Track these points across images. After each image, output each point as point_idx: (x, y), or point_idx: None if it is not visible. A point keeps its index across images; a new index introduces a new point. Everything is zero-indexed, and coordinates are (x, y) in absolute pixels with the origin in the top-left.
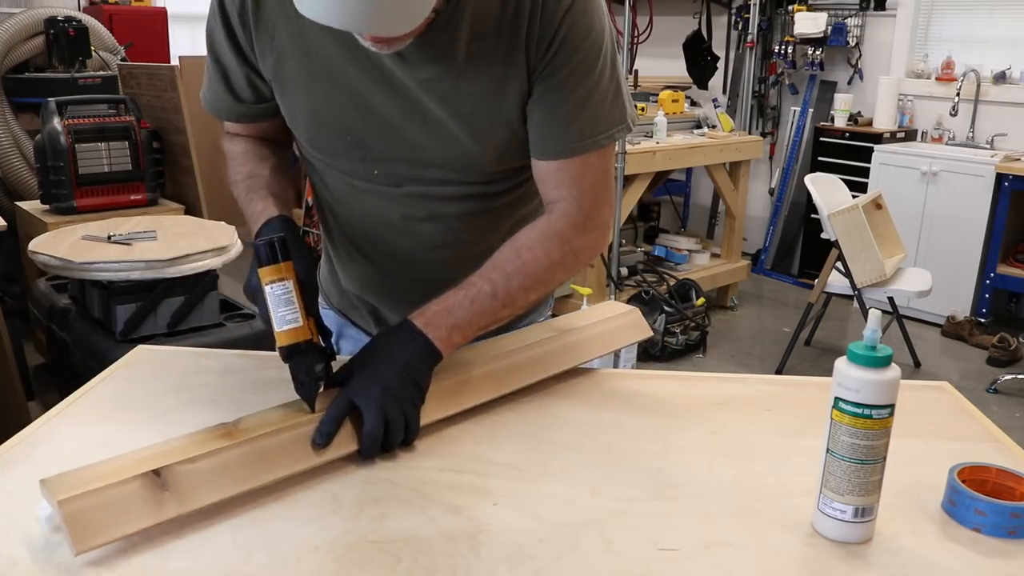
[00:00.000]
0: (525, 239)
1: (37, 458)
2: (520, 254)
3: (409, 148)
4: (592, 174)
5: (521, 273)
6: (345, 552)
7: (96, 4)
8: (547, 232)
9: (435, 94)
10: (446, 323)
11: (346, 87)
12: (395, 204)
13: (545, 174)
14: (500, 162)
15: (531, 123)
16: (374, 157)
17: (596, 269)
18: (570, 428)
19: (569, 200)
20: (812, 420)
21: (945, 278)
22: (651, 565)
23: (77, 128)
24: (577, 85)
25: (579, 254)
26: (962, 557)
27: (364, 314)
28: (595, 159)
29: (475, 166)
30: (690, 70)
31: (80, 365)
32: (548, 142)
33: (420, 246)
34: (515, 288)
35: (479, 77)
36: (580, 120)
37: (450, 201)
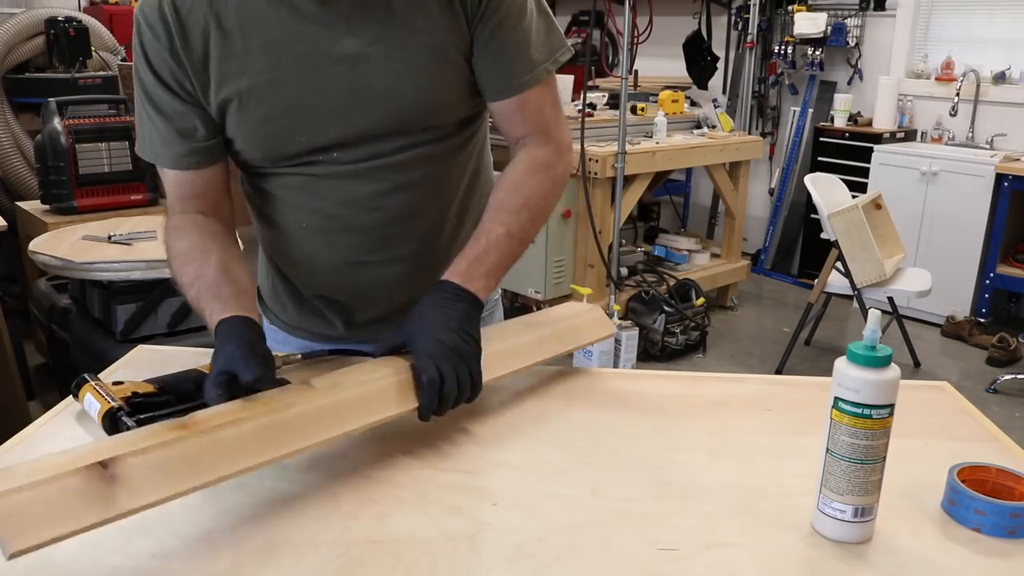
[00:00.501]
0: (517, 176)
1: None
2: (519, 190)
3: (366, 122)
4: (548, 102)
5: (526, 207)
6: (345, 552)
7: (96, 4)
8: (534, 164)
9: (379, 58)
10: (480, 272)
11: (289, 87)
12: (361, 182)
13: (507, 114)
14: (452, 111)
15: (481, 69)
16: (333, 143)
17: (596, 269)
18: (570, 428)
19: (536, 131)
20: (812, 420)
21: (945, 278)
22: (651, 565)
23: (77, 128)
24: (515, 24)
25: (562, 177)
26: (962, 557)
27: (332, 318)
28: (547, 88)
29: (430, 121)
30: (690, 70)
31: (80, 365)
32: (502, 82)
33: (390, 220)
34: (525, 222)
35: (419, 29)
36: (526, 55)
37: (413, 166)
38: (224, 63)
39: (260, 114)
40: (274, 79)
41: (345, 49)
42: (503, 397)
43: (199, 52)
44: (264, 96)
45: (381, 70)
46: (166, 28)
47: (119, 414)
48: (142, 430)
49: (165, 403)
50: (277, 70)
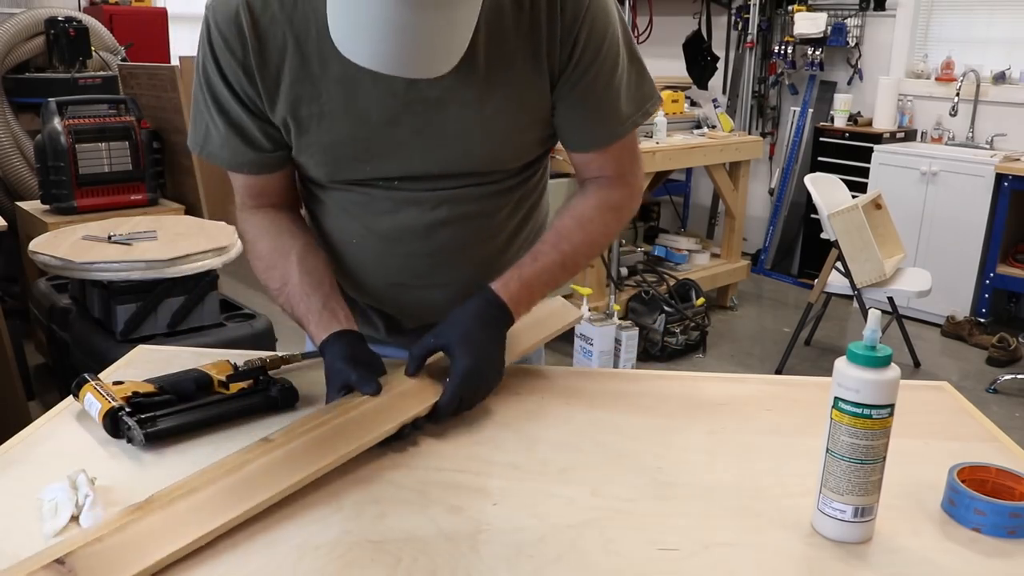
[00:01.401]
0: (585, 210)
1: (37, 458)
2: (584, 226)
3: (430, 163)
4: (629, 151)
5: (585, 243)
6: (345, 552)
7: (96, 4)
8: (606, 203)
9: (456, 103)
10: (526, 299)
11: (361, 119)
12: (418, 210)
13: (586, 162)
14: (519, 159)
15: (565, 121)
16: (396, 176)
17: (596, 269)
18: (570, 428)
19: (614, 175)
20: (812, 420)
21: (945, 278)
22: (651, 565)
23: (77, 128)
24: (608, 81)
25: (625, 220)
26: (962, 557)
27: (376, 323)
28: (630, 138)
29: (496, 167)
30: (690, 70)
31: (80, 365)
32: (587, 137)
33: (440, 248)
34: (580, 257)
35: (500, 81)
36: (614, 111)
37: (471, 201)
38: (298, 84)
39: (329, 139)
40: (348, 109)
41: (423, 91)
42: (503, 397)
43: (273, 69)
44: (335, 124)
45: (455, 117)
46: (242, 40)
47: (120, 414)
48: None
49: (166, 403)
50: (352, 101)
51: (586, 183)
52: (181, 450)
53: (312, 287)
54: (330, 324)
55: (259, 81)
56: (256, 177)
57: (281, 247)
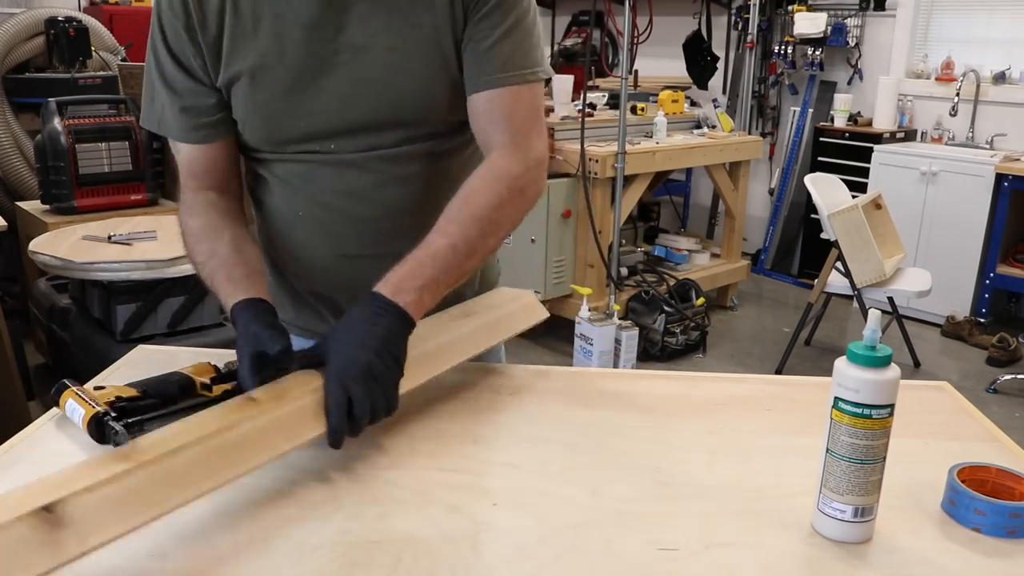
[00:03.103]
0: (474, 184)
1: (37, 458)
2: (468, 200)
3: (363, 111)
4: (523, 108)
5: (474, 219)
6: (345, 552)
7: (96, 4)
8: (489, 174)
9: (382, 48)
10: (414, 286)
11: (291, 71)
12: (358, 172)
13: (479, 110)
14: (451, 111)
15: (464, 59)
16: (331, 130)
17: (596, 269)
18: (570, 428)
19: (503, 133)
20: (812, 420)
21: (945, 278)
22: (651, 565)
23: (77, 128)
24: (502, 19)
25: (524, 190)
26: (962, 557)
27: (327, 315)
28: (525, 92)
29: (429, 115)
30: (690, 70)
31: (80, 365)
32: (478, 74)
33: (386, 213)
34: (473, 236)
35: (421, 21)
36: (506, 51)
37: (411, 160)
38: (234, 42)
39: (263, 96)
40: (278, 62)
41: (349, 38)
42: (503, 397)
43: (214, 31)
44: (267, 78)
45: (381, 61)
46: (184, 6)
47: (105, 419)
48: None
49: (149, 407)
50: (282, 53)
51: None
52: None
53: (238, 262)
54: (249, 290)
55: (202, 45)
56: (200, 149)
57: (214, 226)
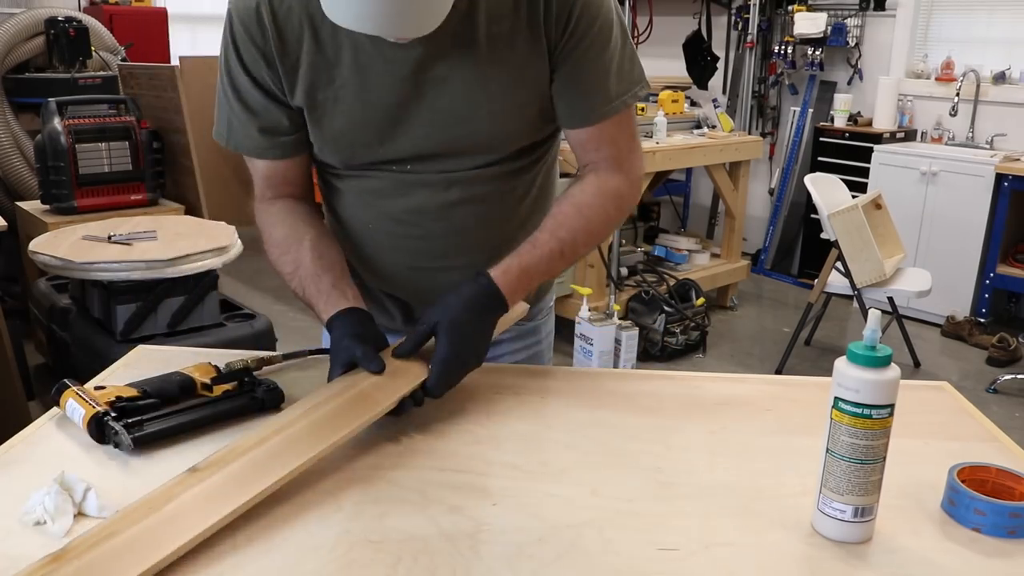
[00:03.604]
0: (584, 197)
1: (37, 458)
2: (582, 211)
3: (440, 142)
4: (626, 132)
5: (585, 230)
6: (345, 552)
7: (96, 4)
8: (603, 189)
9: (461, 82)
10: (523, 286)
11: (372, 101)
12: (430, 192)
13: (583, 141)
14: (525, 137)
15: (561, 97)
16: (407, 156)
17: (596, 269)
18: (570, 428)
19: (611, 159)
20: (812, 420)
21: (945, 278)
22: (651, 565)
23: (77, 128)
24: (598, 55)
25: (626, 208)
26: (962, 557)
27: (392, 312)
28: (625, 118)
29: (503, 145)
30: (690, 70)
31: (80, 365)
32: (582, 112)
33: (454, 230)
34: (579, 244)
35: (502, 59)
36: (607, 86)
37: (483, 181)
38: (314, 70)
39: (341, 123)
40: (360, 94)
41: (430, 72)
42: (503, 397)
43: (293, 56)
44: (349, 108)
45: (461, 95)
46: (262, 30)
47: (105, 419)
48: None
49: (149, 407)
50: (364, 85)
51: (584, 171)
52: (175, 452)
53: (323, 269)
54: (338, 302)
55: (279, 67)
56: (276, 164)
57: (295, 233)
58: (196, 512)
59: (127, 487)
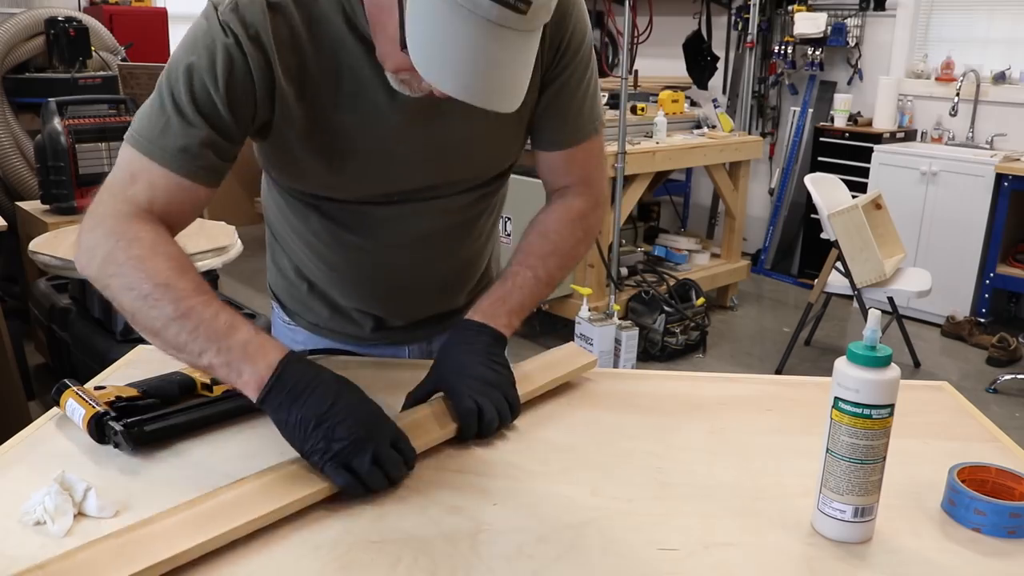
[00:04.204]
0: (549, 223)
1: (37, 458)
2: (548, 237)
3: (436, 174)
4: (595, 157)
5: (554, 254)
6: (345, 552)
7: (96, 4)
8: (568, 215)
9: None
10: (503, 311)
11: (368, 136)
12: (417, 219)
13: (556, 164)
14: (509, 161)
15: (544, 120)
16: (402, 190)
17: (596, 269)
18: (570, 428)
19: (579, 183)
20: (812, 420)
21: (945, 278)
22: (651, 565)
23: (77, 128)
24: (581, 80)
25: (594, 229)
26: (962, 557)
27: (362, 323)
28: (596, 143)
29: (492, 170)
30: (690, 70)
31: (80, 365)
32: (561, 135)
33: (436, 251)
34: (552, 268)
35: None
36: (584, 110)
37: (464, 207)
38: (309, 106)
39: (336, 158)
40: (354, 127)
41: (425, 104)
42: None
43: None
44: (343, 143)
45: (458, 127)
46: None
47: (105, 419)
48: None
49: (149, 407)
50: (358, 119)
51: (551, 197)
52: (174, 452)
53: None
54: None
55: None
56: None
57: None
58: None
59: (128, 488)
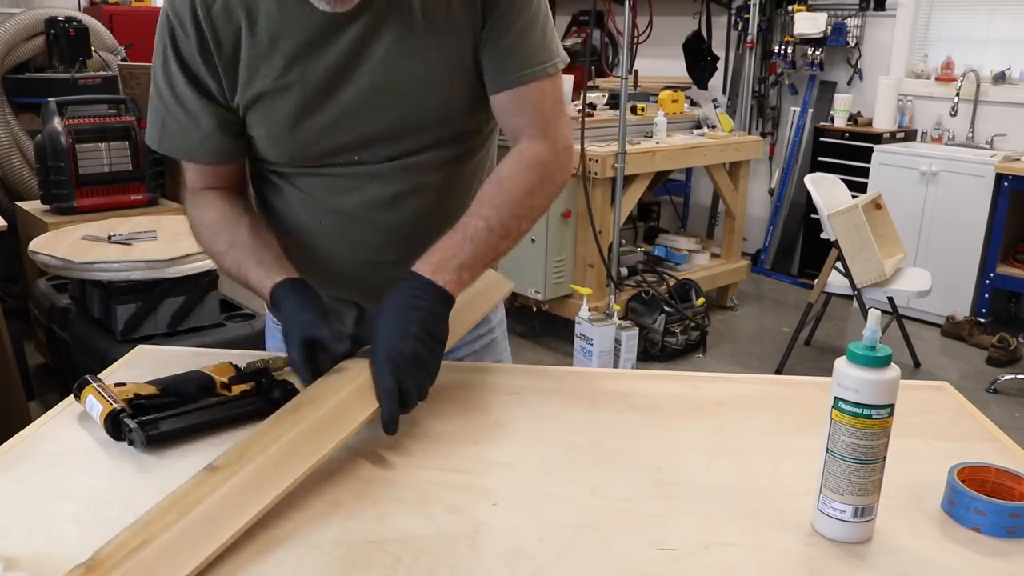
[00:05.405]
0: (502, 171)
1: (37, 458)
2: (501, 184)
3: (386, 121)
4: (548, 99)
5: (508, 203)
6: (345, 552)
7: (96, 4)
8: (521, 160)
9: (403, 56)
10: (453, 265)
11: (313, 87)
12: (380, 183)
13: (505, 106)
14: (473, 114)
15: (484, 60)
16: (354, 142)
17: (596, 269)
18: (570, 428)
19: (532, 126)
20: (812, 420)
21: (945, 278)
22: (651, 565)
23: (77, 128)
24: (518, 15)
25: (554, 175)
26: (962, 557)
27: (346, 317)
28: (548, 85)
29: (446, 123)
30: (690, 70)
31: (80, 365)
32: (501, 73)
33: (406, 220)
34: (508, 218)
35: (438, 28)
36: (526, 49)
37: (432, 168)
38: (251, 63)
39: (284, 115)
40: (296, 81)
41: (369, 49)
42: (503, 397)
43: (229, 52)
44: (286, 98)
45: (400, 70)
46: (197, 27)
47: (121, 416)
48: None
49: (167, 405)
50: (299, 73)
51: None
52: (183, 452)
53: (263, 246)
54: (283, 271)
55: (218, 66)
56: (213, 167)
57: (231, 215)
58: (225, 513)
59: (134, 485)
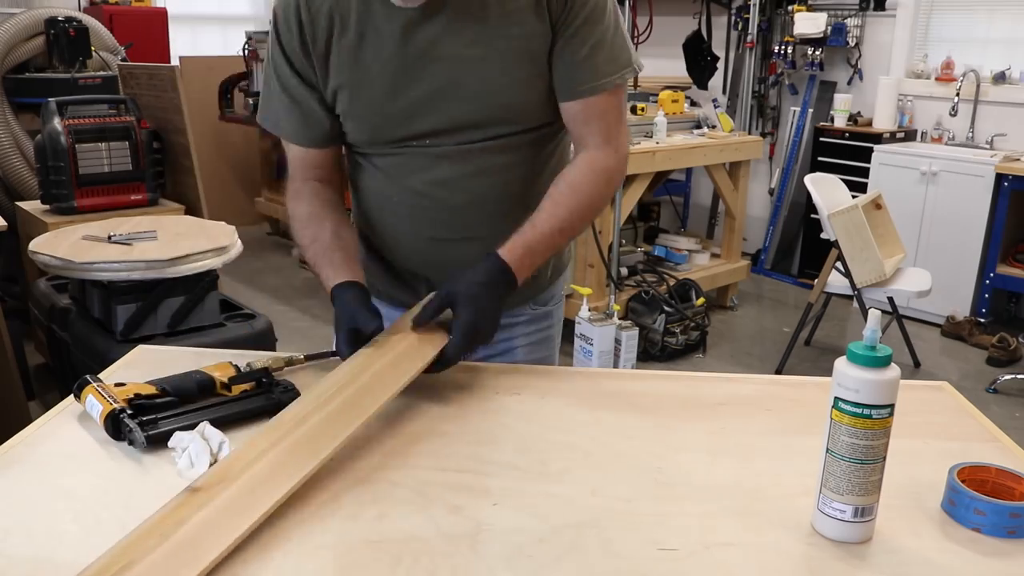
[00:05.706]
0: (575, 176)
1: (37, 458)
2: (575, 189)
3: (457, 115)
4: (613, 110)
5: (580, 207)
6: (345, 552)
7: (96, 4)
8: (591, 167)
9: (477, 59)
10: (529, 264)
11: (392, 81)
12: (449, 164)
13: (573, 114)
14: (540, 112)
15: (557, 70)
16: (427, 131)
17: (596, 269)
18: (570, 428)
19: (598, 134)
20: (812, 420)
21: (945, 278)
22: (651, 565)
23: (77, 128)
24: (591, 32)
25: (615, 183)
26: (962, 557)
27: (418, 288)
28: (614, 96)
29: (516, 118)
30: (690, 70)
31: (80, 365)
32: (573, 85)
33: (472, 201)
34: (576, 220)
35: (511, 33)
36: (597, 62)
37: (501, 152)
38: (340, 55)
39: (363, 102)
40: (377, 73)
41: (444, 50)
42: (503, 397)
43: (322, 45)
44: (367, 86)
45: (475, 70)
46: (299, 22)
47: (121, 416)
48: None
49: (167, 405)
50: (381, 64)
51: (576, 151)
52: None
53: (338, 247)
54: (347, 275)
55: (313, 58)
56: (312, 150)
57: (320, 213)
58: (208, 536)
59: (134, 485)
